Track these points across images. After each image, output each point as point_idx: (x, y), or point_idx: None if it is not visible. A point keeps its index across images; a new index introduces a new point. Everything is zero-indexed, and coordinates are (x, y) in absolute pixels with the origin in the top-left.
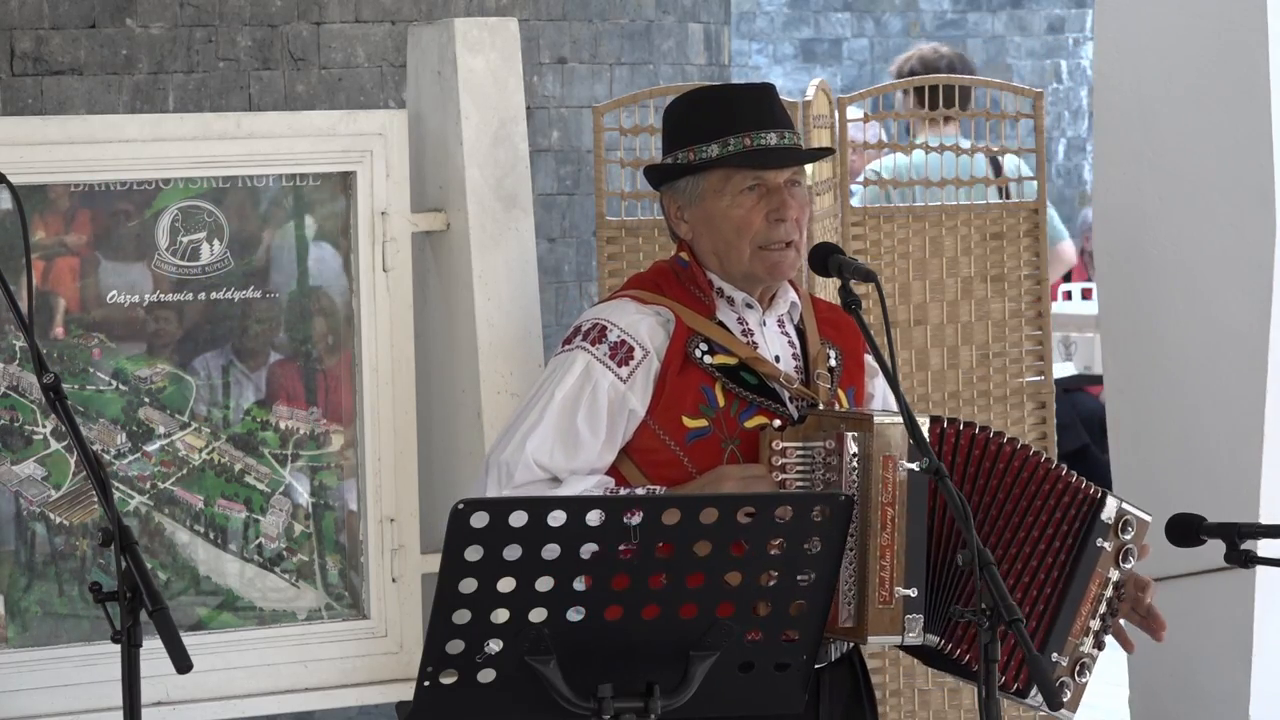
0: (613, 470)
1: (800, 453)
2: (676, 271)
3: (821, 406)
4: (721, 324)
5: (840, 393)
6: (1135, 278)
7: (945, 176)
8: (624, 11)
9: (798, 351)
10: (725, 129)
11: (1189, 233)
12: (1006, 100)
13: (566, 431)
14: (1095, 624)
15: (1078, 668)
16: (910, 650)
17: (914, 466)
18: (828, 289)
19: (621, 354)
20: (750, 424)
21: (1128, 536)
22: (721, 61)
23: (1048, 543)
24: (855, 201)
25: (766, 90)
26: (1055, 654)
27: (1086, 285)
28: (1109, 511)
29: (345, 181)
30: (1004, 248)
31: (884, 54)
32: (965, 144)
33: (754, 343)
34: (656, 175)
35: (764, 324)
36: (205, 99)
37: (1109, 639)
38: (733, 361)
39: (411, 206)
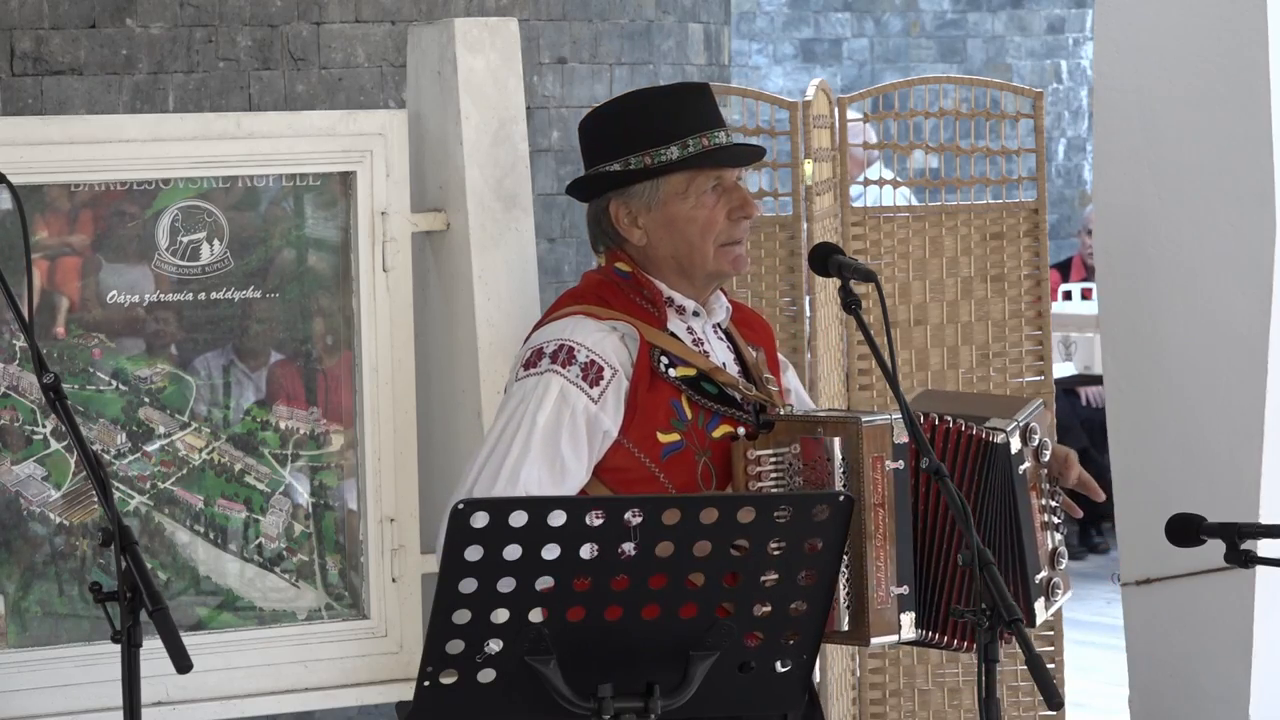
0: (583, 493)
1: (773, 460)
2: (619, 283)
3: (782, 411)
4: (674, 335)
5: (787, 401)
6: (1135, 278)
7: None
8: (624, 11)
9: (736, 356)
10: (681, 130)
11: (1189, 233)
12: (1006, 100)
13: (553, 459)
14: (1048, 518)
15: (1055, 559)
16: None
17: (898, 465)
18: (828, 289)
19: (592, 374)
20: (717, 434)
21: (1035, 440)
22: (721, 61)
23: (979, 502)
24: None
25: (705, 89)
26: (1037, 575)
27: (1086, 285)
28: (1015, 442)
29: (345, 181)
30: (1004, 248)
31: (884, 54)
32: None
33: (705, 351)
34: (598, 184)
35: (706, 332)
36: (205, 99)
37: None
38: (692, 373)
39: (411, 206)
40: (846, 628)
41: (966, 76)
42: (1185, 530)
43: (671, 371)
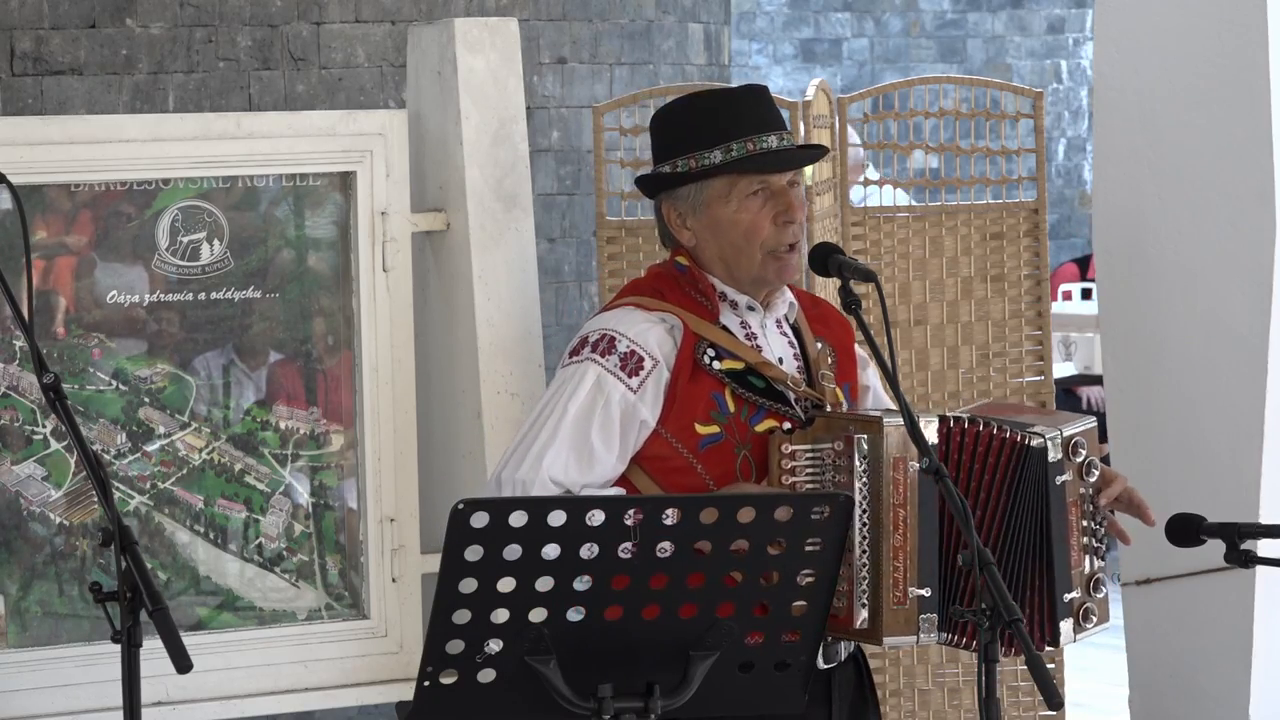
0: (623, 480)
1: (809, 455)
2: (676, 276)
3: (829, 408)
4: (725, 328)
5: (838, 390)
6: (1135, 278)
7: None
8: (624, 11)
9: (798, 352)
10: (726, 134)
11: (1189, 233)
12: (1006, 100)
13: (581, 447)
14: (1089, 541)
15: (1092, 586)
16: None
17: (924, 465)
18: (828, 289)
19: (632, 364)
20: (760, 428)
21: (1080, 457)
22: (721, 61)
23: (1009, 506)
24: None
25: (762, 92)
26: (1066, 594)
27: (1086, 285)
28: (1054, 451)
29: (345, 181)
30: (1004, 248)
31: (884, 54)
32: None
33: (758, 346)
34: (652, 184)
35: (765, 326)
36: (205, 99)
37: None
38: (740, 366)
39: (411, 206)
40: (861, 625)
41: (966, 76)
42: (1185, 530)
43: (716, 364)
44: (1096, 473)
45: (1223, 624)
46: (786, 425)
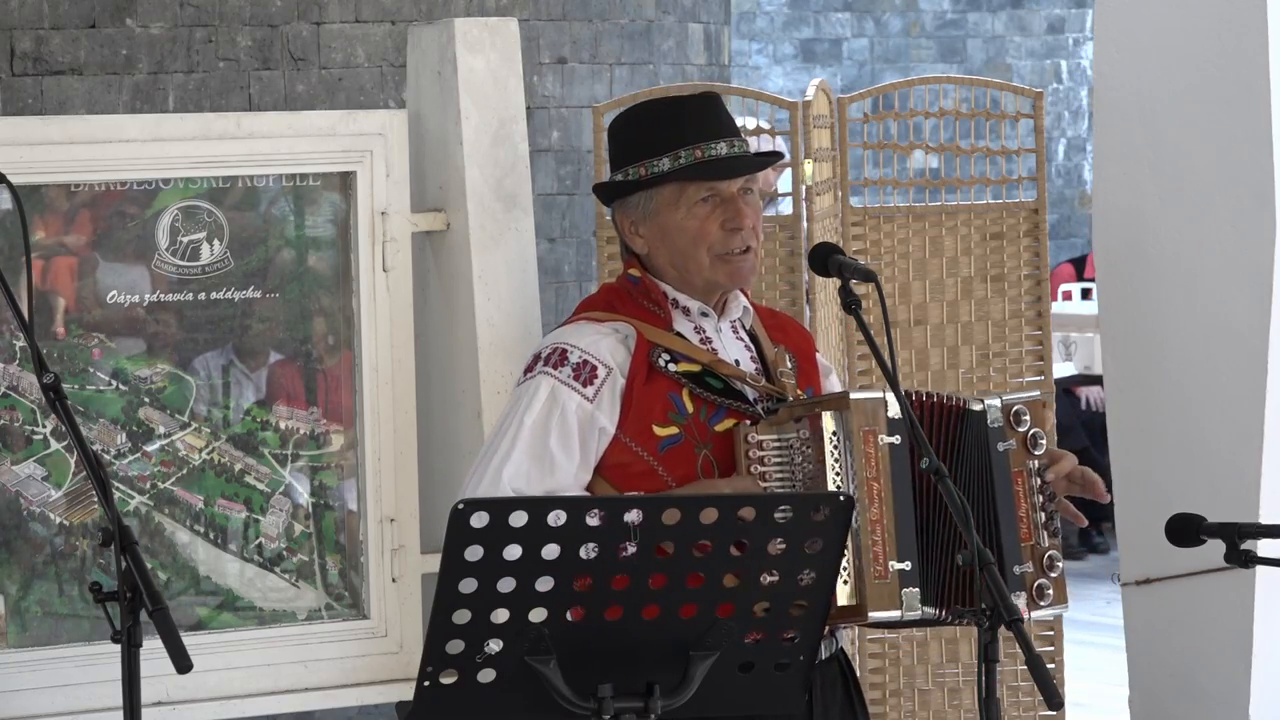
0: (589, 491)
1: (776, 444)
2: (629, 289)
3: (790, 399)
4: (679, 334)
5: (799, 392)
6: (1135, 278)
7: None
8: (624, 11)
9: (755, 355)
10: (675, 141)
11: (1189, 233)
12: (1006, 100)
13: (540, 455)
14: (1040, 517)
15: (1045, 563)
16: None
17: (894, 440)
18: (828, 289)
19: (585, 374)
20: (720, 428)
21: (1024, 426)
22: (721, 61)
23: (951, 472)
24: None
25: (712, 99)
26: (1017, 566)
27: (1086, 285)
28: (994, 414)
29: (345, 181)
30: (1004, 248)
31: (884, 54)
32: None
33: (713, 349)
34: (607, 192)
35: (720, 330)
36: (205, 99)
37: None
38: (696, 368)
39: (411, 206)
40: (845, 602)
41: (966, 76)
42: (1185, 530)
43: (672, 367)
44: (1043, 444)
45: (1223, 624)
46: (748, 422)
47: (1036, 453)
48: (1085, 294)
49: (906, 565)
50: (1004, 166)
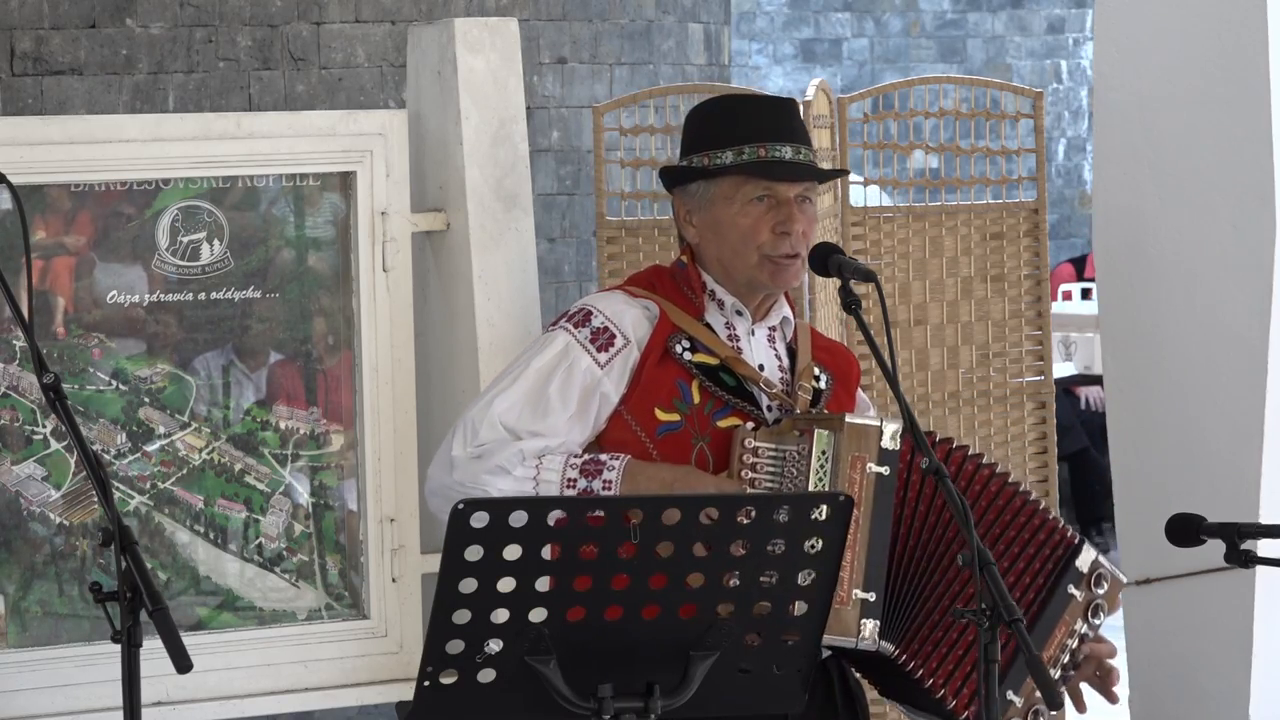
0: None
1: (771, 453)
2: (673, 273)
3: (798, 411)
4: (708, 325)
5: (810, 408)
6: (1135, 278)
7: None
8: (624, 11)
9: (784, 365)
10: (742, 137)
11: (1189, 233)
12: (1006, 100)
13: (536, 398)
14: (1054, 673)
15: (1030, 714)
16: (868, 675)
17: (883, 470)
18: (827, 289)
19: (603, 340)
20: (723, 424)
21: (1100, 590)
22: (721, 61)
23: (1017, 576)
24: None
25: (789, 104)
26: (1011, 692)
27: (1086, 285)
28: (1084, 560)
29: (345, 181)
30: (1004, 248)
31: (884, 54)
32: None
33: (738, 347)
34: (670, 176)
35: (752, 333)
36: (205, 99)
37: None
38: (713, 361)
39: (411, 206)
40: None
41: (966, 76)
42: (1185, 530)
43: (688, 355)
44: (1101, 620)
45: (1223, 624)
46: (750, 425)
47: (1094, 621)
48: (1085, 294)
49: (871, 596)
50: (1004, 166)
